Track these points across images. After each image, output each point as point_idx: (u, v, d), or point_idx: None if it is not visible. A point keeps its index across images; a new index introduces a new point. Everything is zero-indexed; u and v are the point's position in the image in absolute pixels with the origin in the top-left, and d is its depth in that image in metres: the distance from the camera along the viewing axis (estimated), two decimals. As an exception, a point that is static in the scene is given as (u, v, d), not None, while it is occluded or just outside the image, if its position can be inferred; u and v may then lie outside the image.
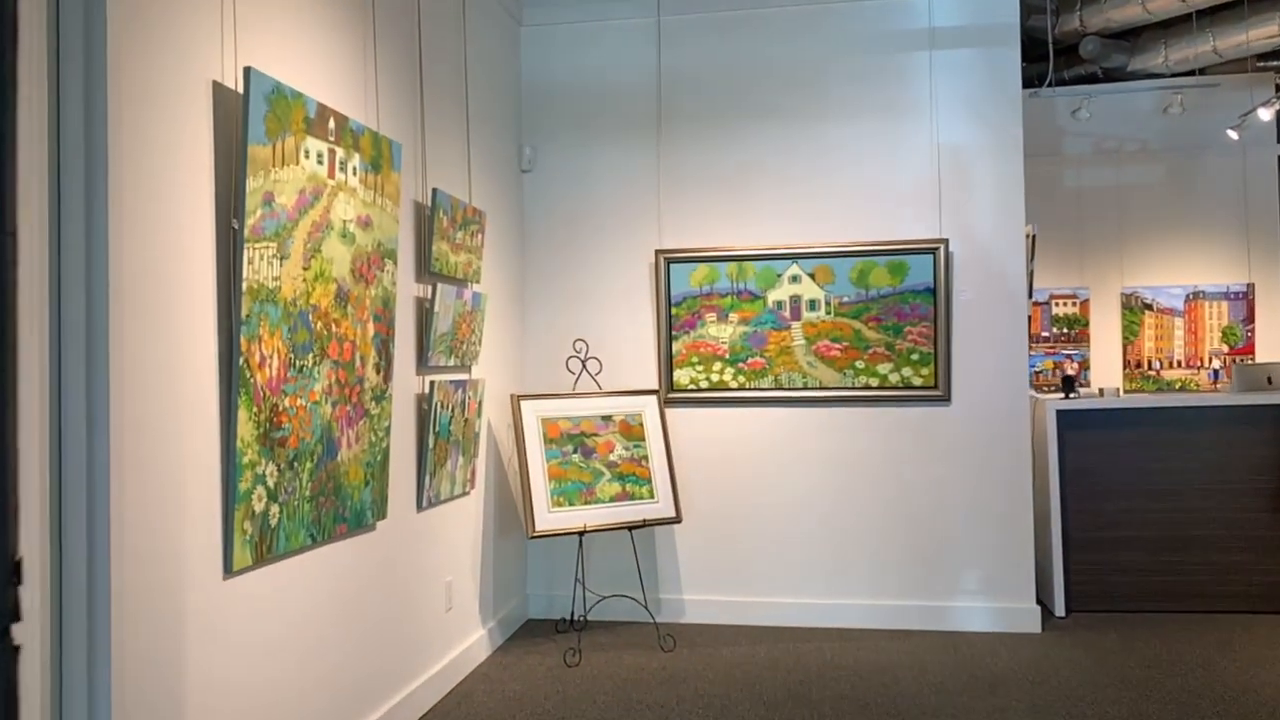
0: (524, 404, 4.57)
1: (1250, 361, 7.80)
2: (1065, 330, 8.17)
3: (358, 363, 3.16)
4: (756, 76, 4.98)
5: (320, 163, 2.91)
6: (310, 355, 2.88)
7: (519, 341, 5.09)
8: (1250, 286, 7.69)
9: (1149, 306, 8.11)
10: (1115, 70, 7.76)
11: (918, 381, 4.80)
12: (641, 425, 4.77)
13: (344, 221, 3.05)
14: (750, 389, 4.95)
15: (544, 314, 5.18)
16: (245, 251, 2.57)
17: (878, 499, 4.86)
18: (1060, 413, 5.06)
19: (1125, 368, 8.17)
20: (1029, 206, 4.90)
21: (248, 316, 2.58)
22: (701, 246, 5.00)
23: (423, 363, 3.77)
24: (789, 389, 4.91)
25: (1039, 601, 4.88)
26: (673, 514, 4.66)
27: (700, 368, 4.99)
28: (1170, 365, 8.21)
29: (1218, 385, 7.90)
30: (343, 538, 3.17)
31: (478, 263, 4.26)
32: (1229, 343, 7.92)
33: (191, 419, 2.46)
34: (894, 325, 4.82)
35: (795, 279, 4.91)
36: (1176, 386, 8.13)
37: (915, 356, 4.80)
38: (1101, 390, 5.37)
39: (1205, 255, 7.82)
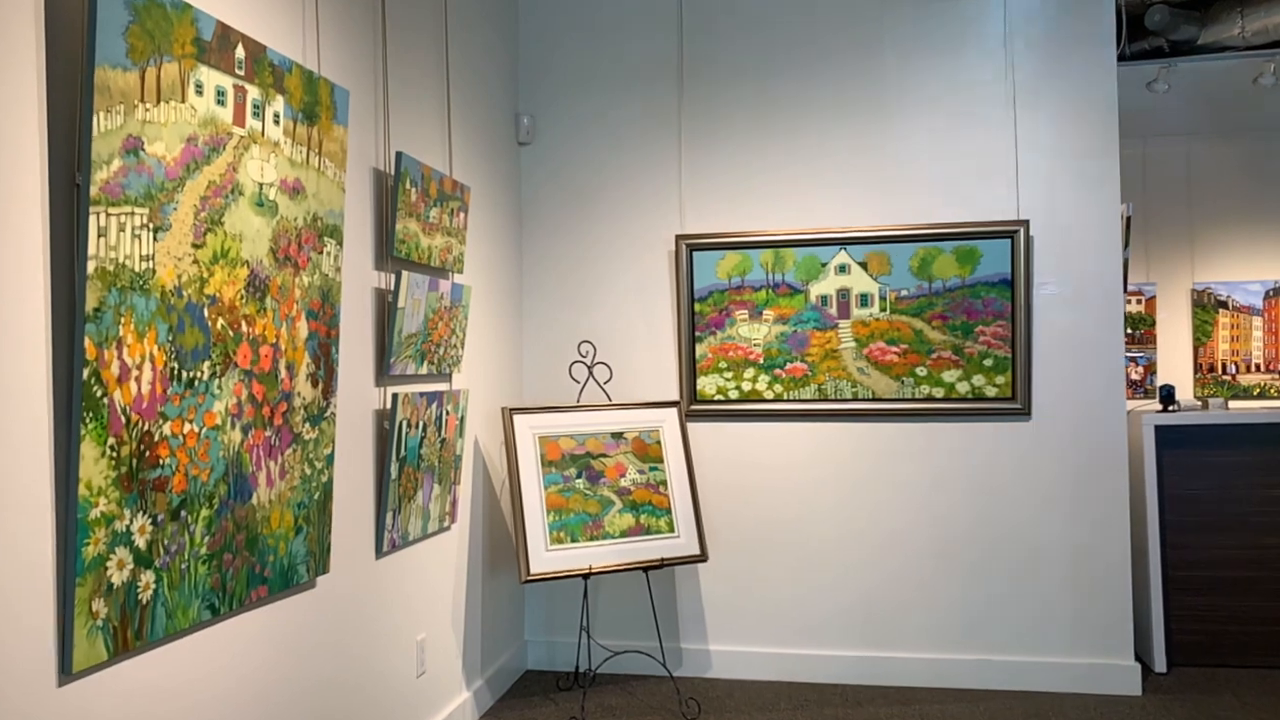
0: (517, 419, 3.79)
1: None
2: (1129, 330, 7.34)
3: (282, 373, 2.39)
4: (798, 26, 4.19)
5: (221, 103, 2.14)
6: (206, 364, 2.11)
7: (513, 344, 4.32)
8: (1348, 281, 6.87)
9: (1223, 304, 7.30)
10: (1184, 44, 6.93)
11: (991, 392, 4.00)
12: (659, 444, 3.99)
13: (260, 185, 2.29)
14: (789, 400, 4.16)
15: (544, 311, 4.41)
16: (93, 218, 1.80)
17: (942, 532, 4.06)
18: (1160, 429, 4.24)
19: (1196, 372, 7.36)
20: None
21: (97, 310, 1.82)
22: (731, 230, 4.22)
23: (384, 371, 3.00)
24: (835, 401, 4.12)
25: (1137, 657, 4.07)
26: (696, 551, 3.88)
27: (729, 375, 4.21)
28: (1247, 369, 7.40)
29: (1311, 393, 7.07)
30: (262, 603, 2.40)
31: (459, 248, 3.50)
32: (1320, 345, 7.14)
33: (8, 459, 1.70)
34: (963, 324, 4.01)
35: (843, 269, 4.11)
36: (1254, 393, 7.32)
37: (988, 362, 4.00)
38: (1206, 402, 4.54)
39: (1291, 247, 7.03)
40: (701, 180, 4.26)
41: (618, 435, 3.94)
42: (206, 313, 2.11)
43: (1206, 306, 7.31)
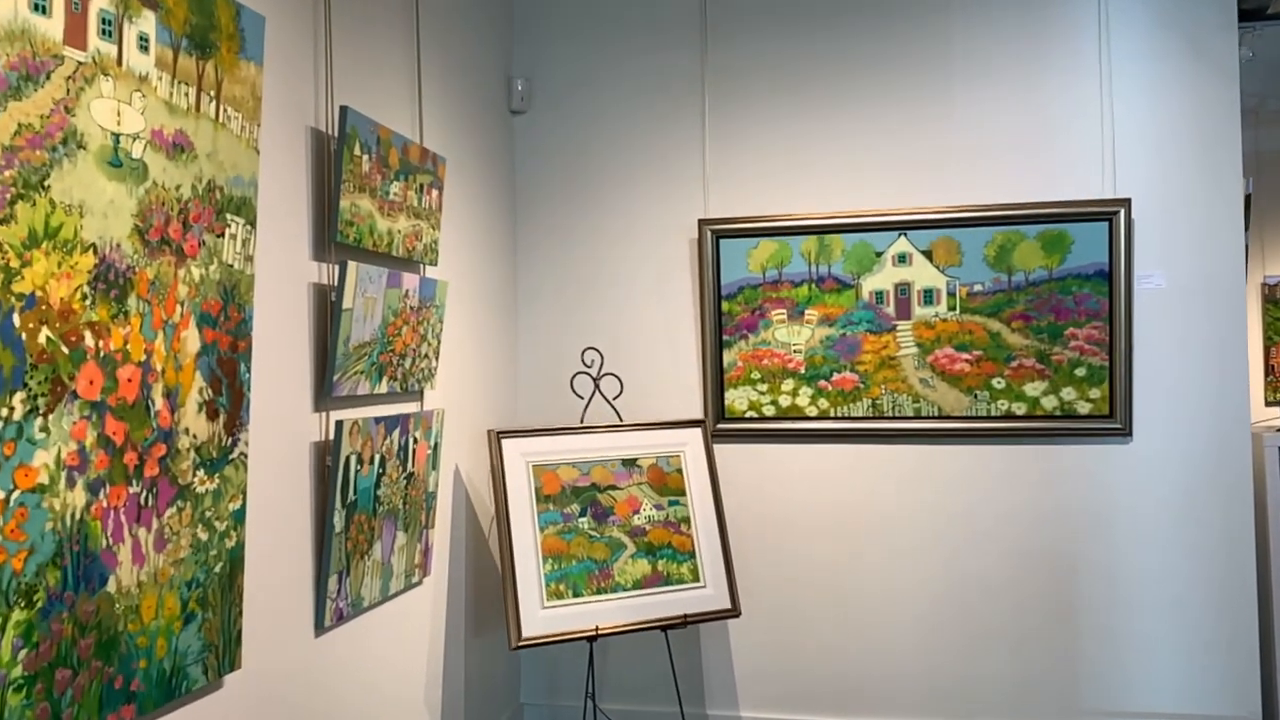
0: (507, 444, 3.09)
1: None
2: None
3: (157, 403, 1.70)
4: (844, -31, 3.48)
5: (41, 10, 1.45)
6: (19, 397, 1.42)
7: (505, 352, 3.62)
8: None
9: (1290, 299, 6.58)
10: (1254, 11, 6.22)
11: (1084, 408, 3.28)
12: (680, 472, 3.29)
13: (116, 136, 1.59)
14: (836, 418, 3.45)
15: (541, 312, 3.70)
16: None
17: (1024, 577, 3.35)
18: (1286, 451, 3.51)
19: (1268, 376, 6.64)
20: (1243, 152, 3.35)
21: None
22: (765, 214, 3.51)
23: (324, 392, 2.31)
24: (893, 419, 3.41)
25: (1265, 714, 3.35)
26: (727, 604, 3.18)
27: (764, 388, 3.50)
28: (1319, 371, 6.68)
29: None
30: (130, 729, 1.71)
31: (432, 234, 2.80)
32: None
33: None
34: (1050, 326, 3.30)
35: (903, 259, 3.40)
36: (1330, 398, 6.58)
37: (1081, 371, 3.28)
38: (1335, 416, 3.80)
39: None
40: (730, 154, 3.56)
41: (630, 463, 3.24)
42: (16, 320, 1.41)
43: (1279, 302, 6.60)
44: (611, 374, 3.42)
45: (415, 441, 2.68)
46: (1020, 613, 3.35)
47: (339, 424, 2.28)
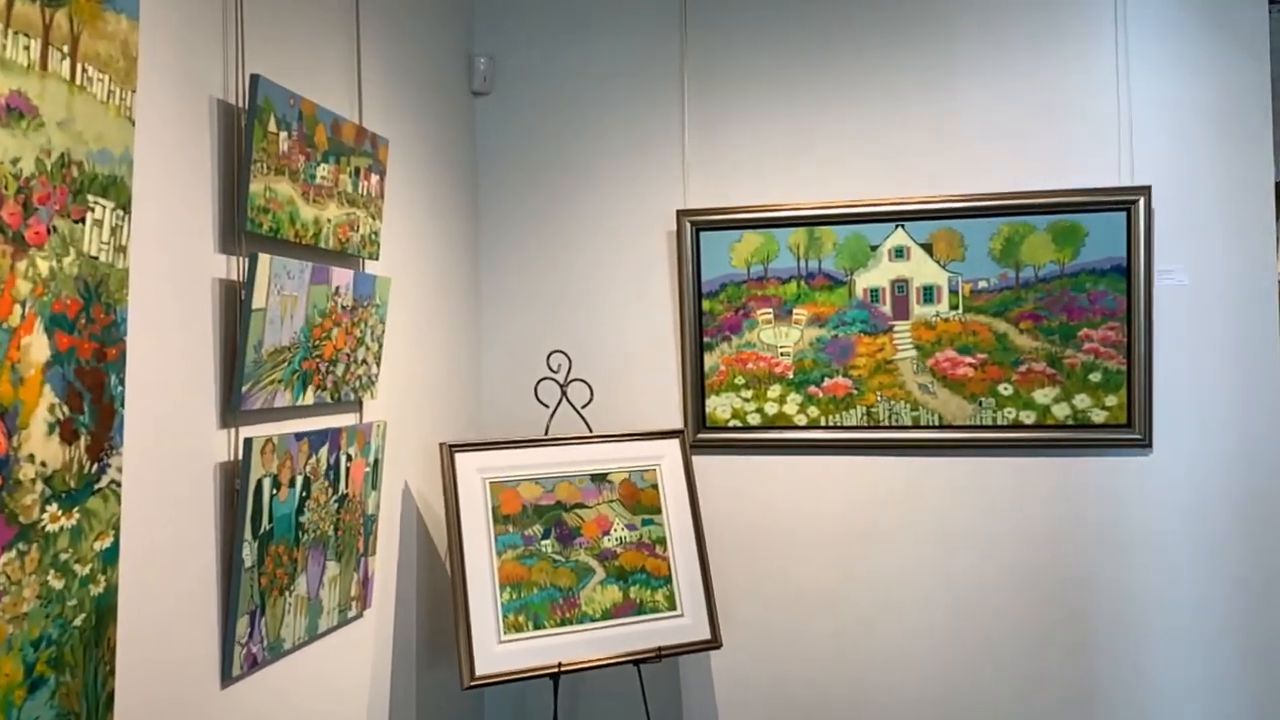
0: (461, 459, 2.78)
1: None
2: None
3: (-14, 425, 1.39)
4: (835, -65, 3.17)
5: None
6: None
7: (465, 356, 3.31)
8: None
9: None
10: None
11: (1099, 416, 2.97)
12: (655, 488, 2.98)
13: (-78, 94, 1.28)
14: (827, 427, 3.14)
15: (508, 311, 3.39)
16: None
17: (1033, 602, 3.04)
18: (1319, 463, 3.21)
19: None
20: (1273, 135, 3.04)
21: None
22: (749, 204, 3.20)
23: (232, 405, 1.99)
24: (890, 428, 3.10)
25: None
26: (706, 635, 2.87)
27: (748, 394, 3.19)
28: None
29: None
30: (-44, 824, 1.40)
31: (372, 224, 2.49)
32: None
33: None
34: (1061, 326, 2.99)
35: (900, 253, 3.09)
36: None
37: (1096, 376, 2.98)
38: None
39: None
40: (711, 139, 3.25)
41: (600, 478, 2.93)
42: None
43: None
44: (580, 380, 3.11)
45: (349, 459, 2.37)
46: (1028, 643, 3.04)
47: (248, 442, 1.98)
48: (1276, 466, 2.91)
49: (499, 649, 2.65)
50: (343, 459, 2.34)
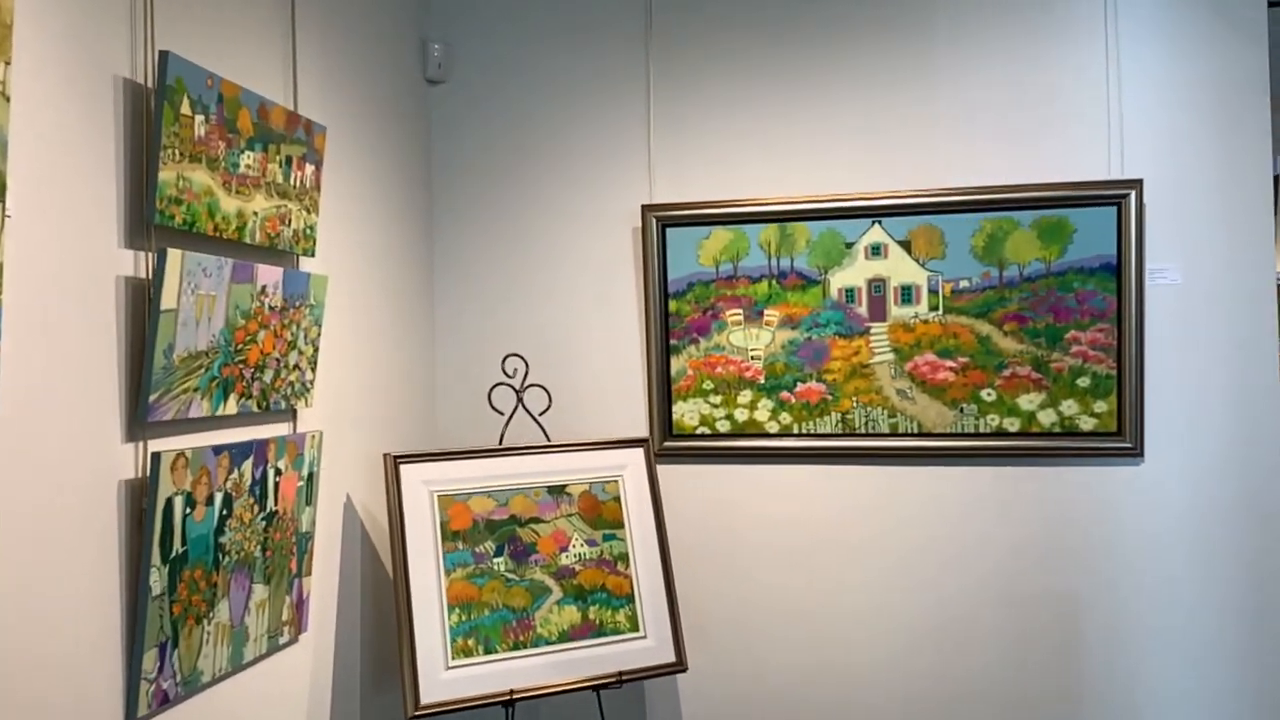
0: (407, 470, 2.59)
1: None
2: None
3: None
4: (809, -86, 3.00)
5: None
6: None
7: (419, 361, 3.12)
8: None
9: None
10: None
11: (1088, 423, 2.82)
12: (618, 501, 2.80)
13: None
14: (801, 435, 2.97)
15: (459, 314, 3.21)
16: None
17: (1018, 618, 2.88)
18: (1316, 471, 3.06)
19: None
20: (1268, 127, 2.89)
21: None
22: (718, 199, 3.03)
23: (140, 415, 1.80)
24: (866, 435, 2.93)
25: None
26: (671, 658, 2.69)
27: (717, 400, 3.02)
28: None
29: None
30: None
31: (306, 218, 2.30)
32: None
33: None
34: (1048, 328, 2.83)
35: (877, 250, 2.92)
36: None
37: (1084, 381, 2.82)
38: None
39: None
40: (679, 130, 3.07)
41: (558, 490, 2.75)
42: None
43: None
44: (538, 385, 2.93)
45: (279, 472, 2.18)
46: (1013, 660, 2.88)
47: (155, 456, 1.78)
48: (1272, 476, 2.76)
49: (446, 675, 2.47)
50: (271, 473, 2.15)
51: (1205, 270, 2.79)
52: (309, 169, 2.30)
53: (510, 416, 2.86)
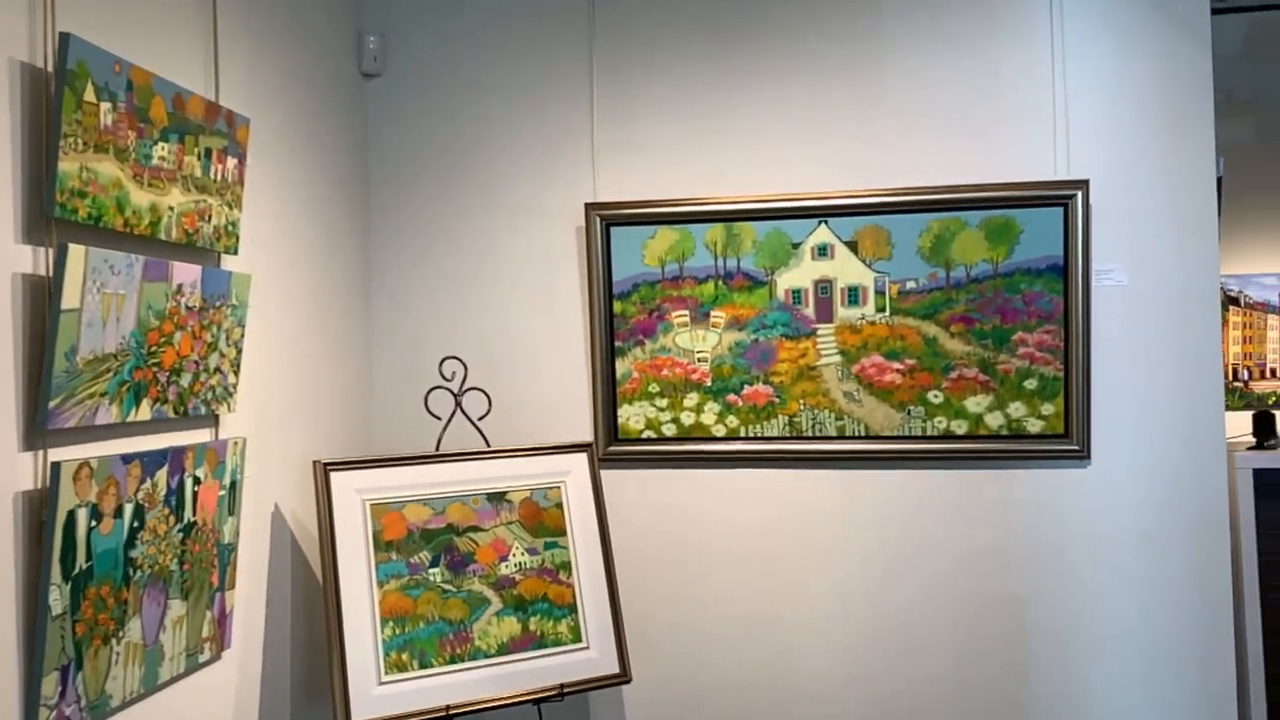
0: (337, 477, 2.49)
1: None
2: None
3: None
4: (755, -93, 2.94)
5: None
6: None
7: (353, 363, 3.01)
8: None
9: (1235, 300, 6.25)
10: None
11: (1036, 425, 2.79)
12: (560, 507, 2.71)
13: None
14: (747, 438, 2.91)
15: (397, 314, 3.10)
16: None
17: (968, 621, 2.84)
18: (1260, 473, 3.07)
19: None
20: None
21: None
22: (663, 197, 2.96)
23: (39, 422, 1.68)
24: (814, 439, 2.88)
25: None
26: (614, 669, 2.61)
27: (663, 403, 2.95)
28: (1262, 375, 6.37)
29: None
30: None
31: (228, 214, 2.19)
32: (1348, 347, 6.10)
33: None
34: (995, 330, 2.80)
35: (824, 251, 2.87)
36: (1270, 401, 6.27)
37: (1031, 383, 2.79)
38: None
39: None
40: (623, 127, 3.00)
41: (498, 497, 2.66)
42: None
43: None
44: (477, 389, 2.84)
45: (198, 481, 2.07)
46: (964, 664, 2.84)
47: (55, 466, 1.67)
48: (1219, 476, 2.75)
49: (379, 691, 2.36)
50: (189, 482, 2.03)
51: (1151, 271, 2.77)
52: (231, 162, 2.19)
53: (448, 421, 2.77)
